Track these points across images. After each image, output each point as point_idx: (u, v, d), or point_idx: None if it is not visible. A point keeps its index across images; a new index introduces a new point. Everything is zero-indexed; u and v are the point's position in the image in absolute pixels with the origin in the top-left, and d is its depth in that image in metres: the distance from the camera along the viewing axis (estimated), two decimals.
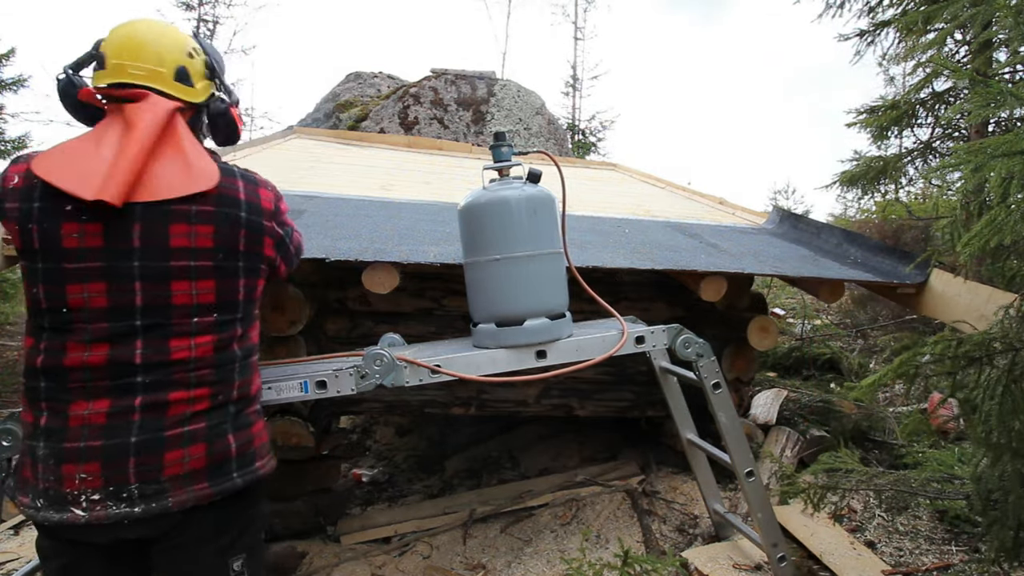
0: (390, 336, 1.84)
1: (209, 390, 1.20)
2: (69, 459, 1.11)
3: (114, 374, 1.14)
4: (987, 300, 2.32)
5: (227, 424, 1.23)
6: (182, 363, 1.18)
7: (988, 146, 1.52)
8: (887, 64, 5.46)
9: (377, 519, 3.00)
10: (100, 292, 1.14)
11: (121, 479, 1.12)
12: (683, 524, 2.76)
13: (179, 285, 1.18)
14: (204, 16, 11.16)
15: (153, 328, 1.16)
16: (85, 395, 1.13)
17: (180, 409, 1.17)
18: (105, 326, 1.14)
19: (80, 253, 1.13)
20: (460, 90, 7.04)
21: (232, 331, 1.25)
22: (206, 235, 1.20)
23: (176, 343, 1.18)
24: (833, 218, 9.77)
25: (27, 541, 3.25)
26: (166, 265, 1.17)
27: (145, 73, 1.24)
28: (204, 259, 1.20)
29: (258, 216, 1.29)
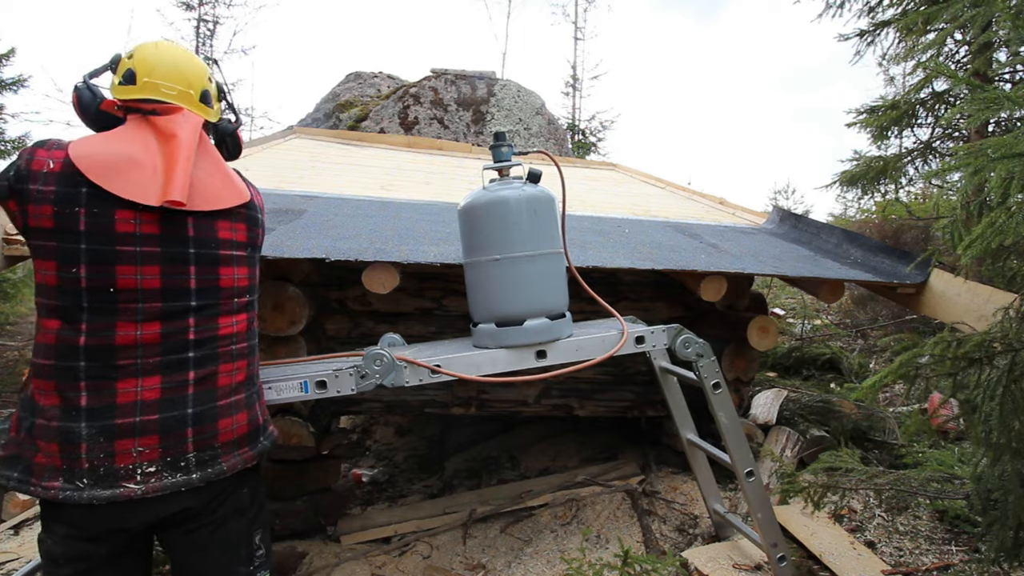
0: (390, 336, 1.84)
1: (245, 362, 1.35)
2: (123, 434, 1.17)
3: (166, 350, 1.22)
4: (987, 300, 2.32)
5: (255, 394, 1.39)
6: (227, 338, 1.31)
7: (988, 147, 1.52)
8: (887, 64, 5.46)
9: (377, 519, 3.00)
10: (154, 274, 1.22)
11: (180, 449, 1.21)
12: (683, 524, 2.76)
13: (225, 270, 1.32)
14: (204, 16, 11.15)
15: (204, 308, 1.28)
16: (135, 372, 1.19)
17: (227, 380, 1.30)
18: (159, 305, 1.22)
19: (135, 238, 1.21)
20: (460, 90, 7.04)
21: (254, 311, 1.42)
22: (242, 231, 1.37)
23: (223, 320, 1.31)
24: (833, 218, 9.77)
25: (27, 541, 3.25)
26: (216, 253, 1.31)
27: (176, 93, 1.35)
28: (241, 250, 1.36)
29: (262, 214, 1.47)
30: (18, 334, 8.48)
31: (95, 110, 1.37)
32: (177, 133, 1.28)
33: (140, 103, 1.31)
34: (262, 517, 1.40)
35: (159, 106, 1.32)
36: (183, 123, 1.31)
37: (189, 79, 1.38)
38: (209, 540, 1.29)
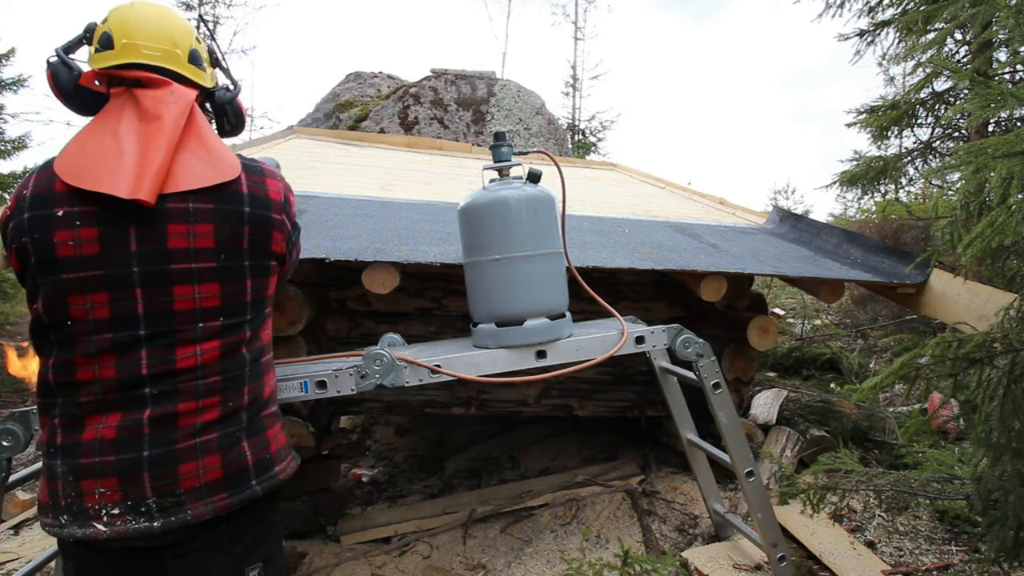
0: (390, 336, 1.84)
1: (219, 398, 1.15)
2: (86, 474, 1.09)
3: (123, 386, 1.10)
4: (987, 300, 2.32)
5: (241, 432, 1.17)
6: (189, 371, 1.12)
7: (988, 147, 1.52)
8: (887, 64, 5.46)
9: (377, 519, 3.00)
10: (103, 302, 1.09)
11: (138, 494, 1.09)
12: (683, 524, 2.76)
13: (181, 289, 1.11)
14: (204, 16, 11.14)
15: (157, 337, 1.11)
16: (98, 409, 1.10)
17: (190, 420, 1.12)
18: (109, 337, 1.09)
19: (78, 262, 1.08)
20: (460, 90, 7.04)
21: (240, 334, 1.18)
22: (206, 235, 1.12)
23: (181, 351, 1.12)
24: (833, 218, 9.77)
25: (27, 541, 3.25)
26: (166, 268, 1.10)
27: (160, 54, 1.17)
28: (205, 260, 1.12)
29: (265, 209, 1.20)
30: (18, 334, 8.48)
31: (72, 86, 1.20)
32: (162, 114, 1.12)
33: (122, 71, 1.15)
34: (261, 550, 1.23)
35: (143, 74, 1.15)
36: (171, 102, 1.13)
37: (174, 37, 1.19)
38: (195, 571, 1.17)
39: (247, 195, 1.18)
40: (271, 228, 1.21)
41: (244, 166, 1.21)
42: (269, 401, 1.27)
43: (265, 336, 1.27)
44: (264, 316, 1.26)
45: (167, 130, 1.11)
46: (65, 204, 1.08)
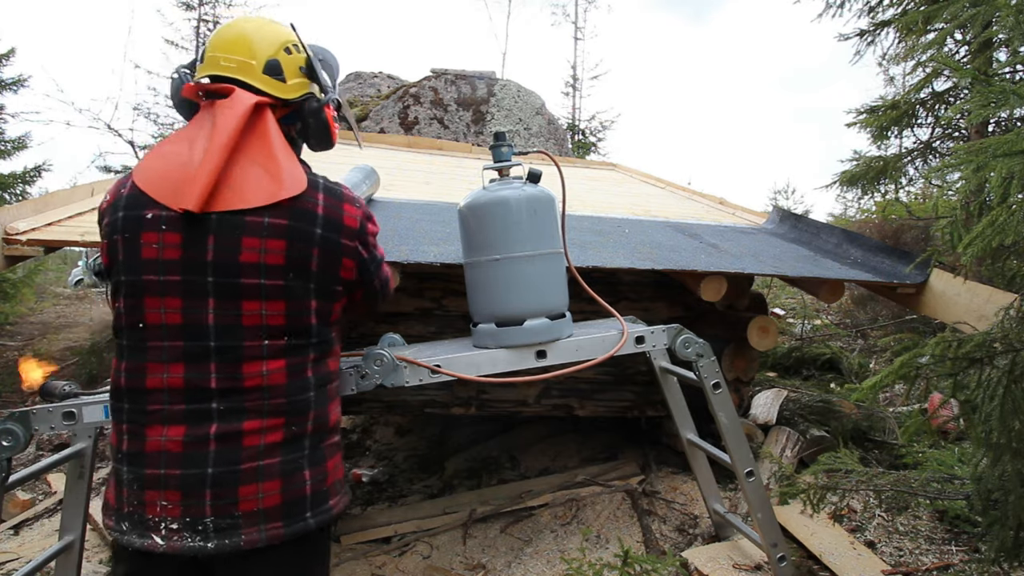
0: (390, 336, 1.84)
1: (283, 419, 1.13)
2: (151, 485, 1.09)
3: (191, 398, 1.09)
4: (987, 300, 2.32)
5: (303, 459, 1.15)
6: (255, 390, 1.11)
7: (988, 146, 1.52)
8: (887, 64, 5.46)
9: (377, 519, 3.00)
10: (176, 308, 1.09)
11: (198, 511, 1.08)
12: (683, 524, 2.76)
13: (249, 305, 1.10)
14: (204, 16, 11.14)
15: (226, 350, 1.10)
16: (162, 419, 1.10)
17: (255, 440, 1.10)
18: (180, 345, 1.09)
19: (159, 265, 1.09)
20: (460, 90, 7.04)
21: (305, 356, 1.16)
22: (277, 251, 1.11)
23: (249, 368, 1.11)
24: (833, 218, 9.77)
25: (27, 541, 3.25)
26: (237, 282, 1.10)
27: (235, 65, 1.19)
28: (275, 277, 1.12)
29: (336, 234, 1.18)
30: (18, 334, 8.48)
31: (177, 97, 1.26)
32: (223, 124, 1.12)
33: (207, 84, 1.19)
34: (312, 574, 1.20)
35: (224, 87, 1.17)
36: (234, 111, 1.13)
37: (253, 48, 1.19)
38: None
39: (321, 216, 1.16)
40: (341, 254, 1.19)
41: (324, 187, 1.20)
42: (333, 430, 1.23)
43: (332, 363, 1.25)
44: (331, 341, 1.23)
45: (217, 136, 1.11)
46: (154, 207, 1.10)
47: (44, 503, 4.07)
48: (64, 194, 2.25)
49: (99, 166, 10.40)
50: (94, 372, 8.57)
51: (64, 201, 2.22)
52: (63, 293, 13.01)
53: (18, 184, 7.97)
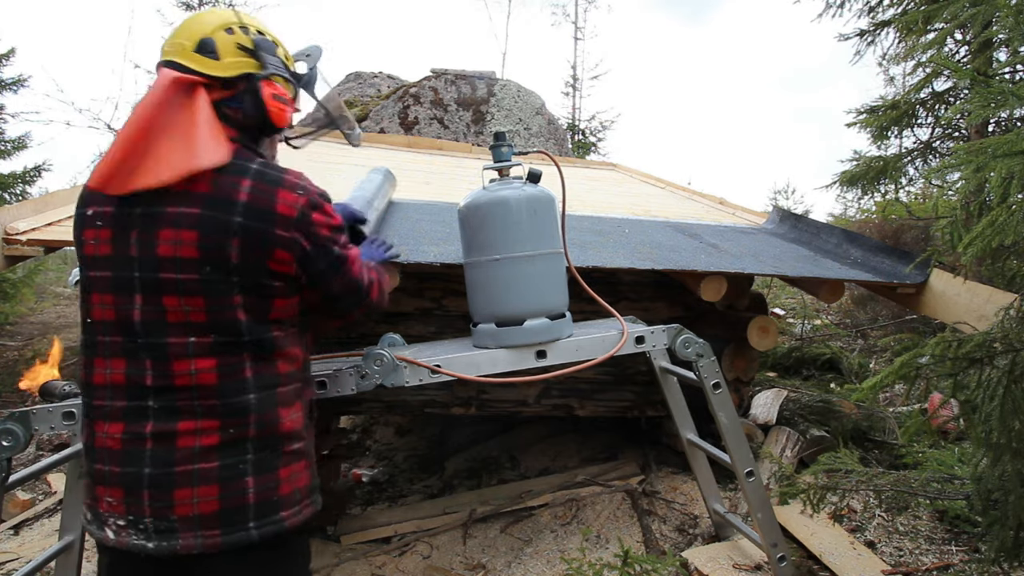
0: (390, 336, 1.84)
1: (218, 422, 1.07)
2: (99, 480, 1.10)
3: (130, 395, 1.08)
4: (987, 300, 2.32)
5: (245, 465, 1.09)
6: (186, 389, 1.07)
7: (988, 146, 1.52)
8: (887, 64, 5.46)
9: (377, 519, 3.00)
10: (110, 304, 1.09)
11: (139, 510, 1.06)
12: (683, 524, 2.76)
13: (170, 300, 1.06)
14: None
15: (154, 347, 1.07)
16: (104, 415, 1.09)
17: (189, 442, 1.06)
18: (119, 341, 1.09)
19: (96, 261, 1.11)
20: (460, 90, 7.04)
21: (238, 355, 1.10)
22: (190, 243, 1.05)
23: (178, 366, 1.07)
24: (833, 218, 9.77)
25: (27, 541, 3.25)
26: (156, 276, 1.06)
27: (172, 49, 1.15)
28: (189, 271, 1.06)
29: (261, 222, 1.08)
30: (18, 334, 8.48)
31: None
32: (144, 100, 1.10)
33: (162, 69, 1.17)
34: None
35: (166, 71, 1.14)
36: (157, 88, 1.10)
37: (191, 30, 1.15)
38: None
39: (242, 204, 1.07)
40: (271, 244, 1.09)
41: (255, 173, 1.11)
42: (289, 437, 1.15)
43: (283, 366, 1.16)
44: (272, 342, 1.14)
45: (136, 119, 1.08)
46: (93, 204, 1.13)
47: (44, 503, 4.07)
48: (64, 194, 2.25)
49: None
50: None
51: (64, 201, 2.22)
52: (63, 293, 13.01)
53: (18, 184, 7.97)
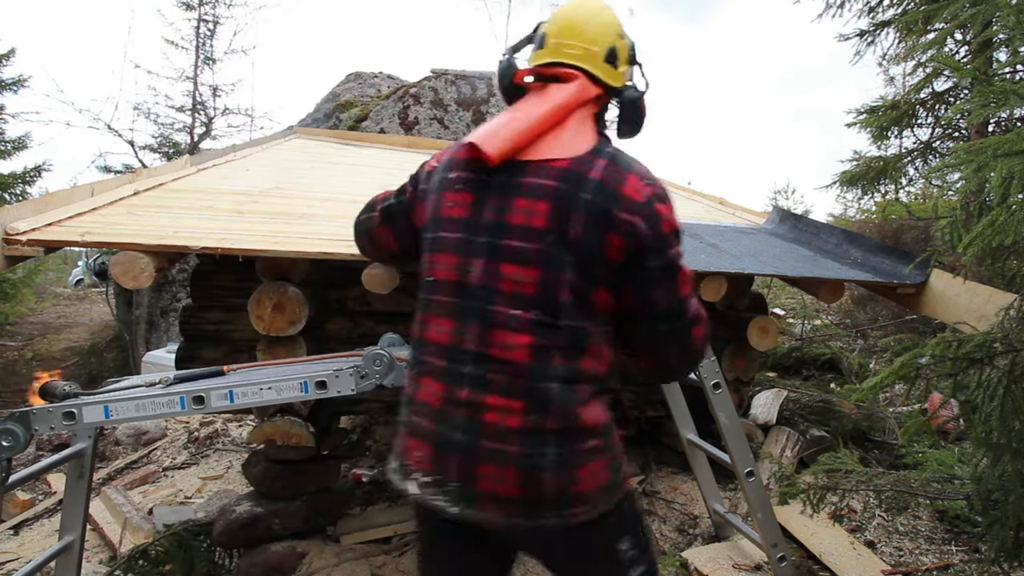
0: (390, 336, 1.84)
1: (522, 404, 1.03)
2: (413, 433, 1.11)
3: (451, 356, 1.08)
4: (987, 300, 2.32)
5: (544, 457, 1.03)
6: (498, 361, 1.04)
7: (989, 146, 1.52)
8: (887, 64, 5.46)
9: (377, 519, 3.00)
10: (453, 265, 1.11)
11: (445, 472, 1.05)
12: (683, 524, 2.76)
13: (507, 268, 1.05)
14: (204, 16, 11.11)
15: (484, 314, 1.06)
16: (429, 371, 1.11)
17: (495, 418, 1.03)
18: (451, 301, 1.10)
19: (449, 222, 1.14)
20: (460, 90, 7.04)
21: (553, 339, 1.05)
22: (540, 214, 1.05)
23: (496, 335, 1.04)
24: (833, 218, 9.76)
25: (27, 541, 3.26)
26: (500, 243, 1.06)
27: (580, 52, 1.17)
28: (532, 240, 1.05)
29: (607, 201, 1.04)
30: (18, 334, 8.48)
31: (507, 83, 1.24)
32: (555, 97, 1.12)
33: (543, 68, 1.18)
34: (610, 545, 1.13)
35: (562, 71, 1.16)
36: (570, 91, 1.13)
37: (594, 35, 1.17)
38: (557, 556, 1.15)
39: (593, 182, 1.06)
40: (609, 225, 1.05)
41: (611, 156, 1.11)
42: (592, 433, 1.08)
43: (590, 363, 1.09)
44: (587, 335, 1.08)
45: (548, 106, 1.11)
46: (459, 169, 1.16)
47: (44, 503, 4.08)
48: (64, 194, 2.25)
49: (99, 166, 10.37)
50: (94, 372, 8.57)
51: (64, 201, 2.22)
52: (63, 293, 13.01)
53: (18, 184, 7.97)
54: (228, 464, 4.71)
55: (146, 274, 1.88)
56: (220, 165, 3.48)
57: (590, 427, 1.07)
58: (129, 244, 1.89)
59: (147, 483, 4.48)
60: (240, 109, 11.53)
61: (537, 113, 1.10)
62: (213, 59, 11.20)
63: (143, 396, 1.48)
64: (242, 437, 5.25)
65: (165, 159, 10.40)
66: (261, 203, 2.65)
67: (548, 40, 1.20)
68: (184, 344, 2.80)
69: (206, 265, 2.77)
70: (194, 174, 3.13)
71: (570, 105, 1.13)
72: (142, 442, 5.36)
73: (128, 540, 3.33)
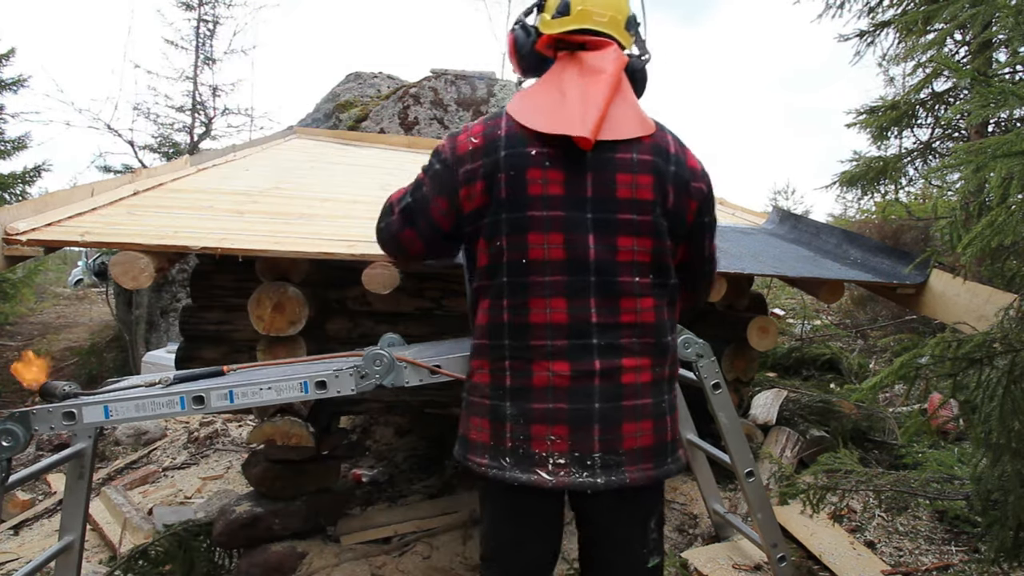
0: (390, 336, 1.84)
1: (650, 360, 1.16)
2: (538, 419, 1.11)
3: (573, 333, 1.12)
4: (987, 301, 2.32)
5: (665, 404, 1.18)
6: (629, 327, 1.14)
7: (988, 146, 1.52)
8: (887, 64, 5.46)
9: (377, 519, 3.00)
10: (559, 244, 1.12)
11: (586, 447, 1.10)
12: (683, 524, 2.75)
13: (623, 240, 1.14)
14: (204, 16, 11.11)
15: (604, 285, 1.13)
16: (546, 354, 1.12)
17: (631, 378, 1.13)
18: (562, 280, 1.12)
19: (543, 201, 1.12)
20: (460, 90, 7.04)
21: (665, 297, 1.20)
22: (646, 186, 1.15)
23: (625, 303, 1.14)
24: (833, 218, 9.77)
25: (27, 541, 3.26)
26: (613, 217, 1.13)
27: (607, 19, 1.23)
28: (642, 213, 1.15)
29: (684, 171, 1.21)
30: (18, 334, 8.48)
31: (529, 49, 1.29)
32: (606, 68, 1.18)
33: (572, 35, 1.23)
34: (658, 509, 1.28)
35: (589, 39, 1.23)
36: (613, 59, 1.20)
37: (617, 4, 1.25)
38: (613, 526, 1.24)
39: (673, 155, 1.20)
40: (688, 193, 1.21)
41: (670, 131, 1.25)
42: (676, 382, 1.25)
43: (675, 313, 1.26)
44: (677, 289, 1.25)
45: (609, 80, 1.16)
46: (536, 144, 1.14)
47: (44, 503, 4.08)
48: (64, 194, 2.25)
49: (99, 166, 10.37)
50: (94, 372, 8.57)
51: (64, 201, 2.22)
52: (63, 293, 13.01)
53: (18, 184, 7.97)
54: (228, 464, 4.71)
55: (146, 274, 1.88)
56: (220, 165, 3.48)
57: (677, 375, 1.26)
58: (129, 244, 1.89)
59: (147, 483, 4.49)
60: (240, 109, 11.55)
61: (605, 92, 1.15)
62: (213, 59, 11.20)
63: (143, 396, 1.48)
64: (242, 437, 5.25)
65: (165, 159, 10.40)
66: (261, 203, 2.65)
67: (573, 7, 1.22)
68: (184, 344, 2.80)
69: (206, 265, 2.77)
70: (194, 174, 3.13)
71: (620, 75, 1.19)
72: (142, 442, 5.36)
73: (128, 540, 3.34)
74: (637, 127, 1.18)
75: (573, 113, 1.12)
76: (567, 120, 1.12)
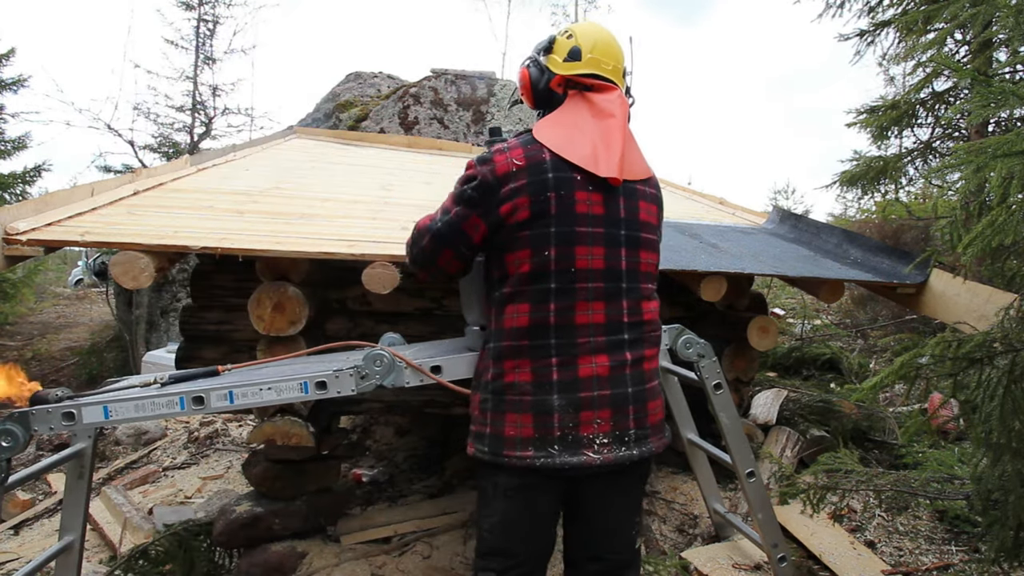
0: (390, 335, 1.83)
1: (656, 350, 1.44)
2: (586, 407, 1.31)
3: (609, 331, 1.34)
4: (987, 300, 2.31)
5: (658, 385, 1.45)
6: (649, 323, 1.41)
7: (988, 146, 1.52)
8: (887, 64, 5.46)
9: (377, 519, 3.00)
10: (600, 255, 1.34)
11: (624, 425, 1.34)
12: (683, 524, 2.75)
13: (644, 255, 1.41)
14: (204, 16, 11.10)
15: (632, 291, 1.38)
16: (590, 350, 1.32)
17: (650, 365, 1.41)
18: (601, 286, 1.34)
19: (588, 219, 1.33)
20: (460, 90, 7.03)
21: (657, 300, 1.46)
22: (654, 213, 1.45)
23: (645, 305, 1.41)
24: (833, 218, 9.77)
25: (27, 541, 3.26)
26: (639, 235, 1.39)
27: (611, 68, 1.46)
28: (653, 233, 1.44)
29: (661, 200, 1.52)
30: (18, 334, 8.48)
31: (543, 86, 1.48)
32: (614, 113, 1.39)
33: (582, 78, 1.43)
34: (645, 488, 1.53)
35: (596, 82, 1.43)
36: (619, 103, 1.41)
37: (618, 56, 1.48)
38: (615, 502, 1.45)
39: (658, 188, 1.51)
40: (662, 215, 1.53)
41: None
42: None
43: None
44: None
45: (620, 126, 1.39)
46: (577, 171, 1.33)
47: (44, 503, 4.08)
48: (64, 194, 2.25)
49: (99, 166, 10.37)
50: (94, 372, 8.57)
51: (64, 201, 2.21)
52: (63, 293, 13.01)
53: (18, 184, 7.98)
54: (228, 464, 4.71)
55: (146, 274, 1.88)
56: (220, 165, 3.47)
57: None
58: (129, 244, 1.89)
59: (147, 483, 4.49)
60: (240, 109, 11.55)
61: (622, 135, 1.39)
62: (213, 59, 11.20)
63: (142, 396, 1.48)
64: (242, 437, 5.25)
65: (165, 159, 10.40)
66: (261, 203, 2.65)
67: (584, 55, 1.44)
68: (184, 344, 2.80)
69: (206, 265, 2.77)
70: (194, 174, 3.13)
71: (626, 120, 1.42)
72: (142, 442, 5.36)
73: (128, 540, 3.34)
74: (645, 169, 1.46)
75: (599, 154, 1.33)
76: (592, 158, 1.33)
